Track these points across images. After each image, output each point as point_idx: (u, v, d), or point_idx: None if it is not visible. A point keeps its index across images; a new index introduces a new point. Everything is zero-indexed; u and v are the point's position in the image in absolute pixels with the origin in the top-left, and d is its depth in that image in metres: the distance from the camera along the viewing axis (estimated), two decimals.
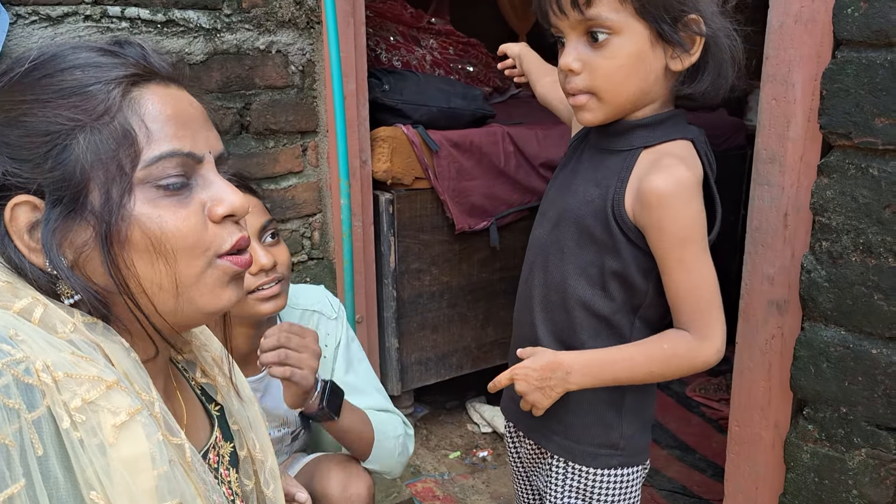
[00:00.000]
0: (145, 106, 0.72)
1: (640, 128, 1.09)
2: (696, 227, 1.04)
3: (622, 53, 1.02)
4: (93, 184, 0.70)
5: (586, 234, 1.11)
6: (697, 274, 1.05)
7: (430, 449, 2.47)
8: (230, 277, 0.77)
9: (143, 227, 0.70)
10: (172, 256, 0.72)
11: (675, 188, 1.01)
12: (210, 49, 2.00)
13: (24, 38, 1.73)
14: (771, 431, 1.30)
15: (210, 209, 0.74)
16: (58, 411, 0.64)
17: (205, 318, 0.78)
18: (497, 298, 2.52)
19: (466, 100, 2.44)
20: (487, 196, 2.38)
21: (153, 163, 0.71)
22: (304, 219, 2.27)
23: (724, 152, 2.86)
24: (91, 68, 0.72)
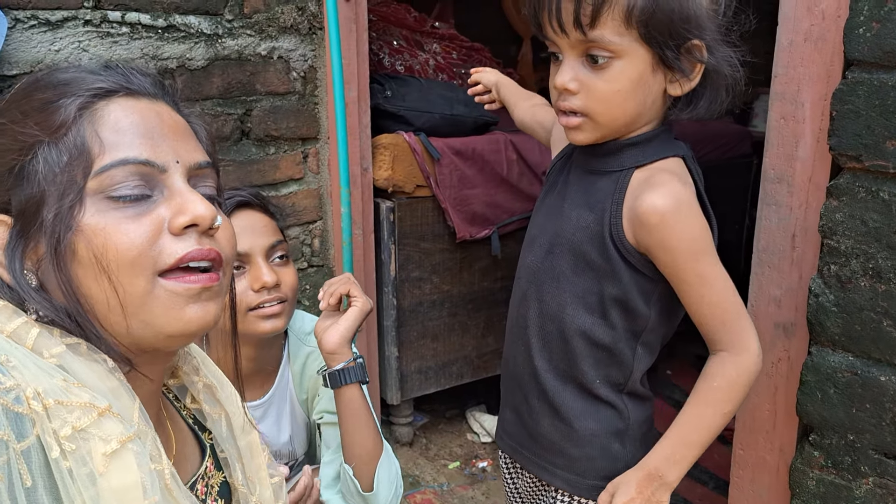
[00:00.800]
0: (105, 118, 0.71)
1: (629, 147, 1.06)
2: (706, 239, 1.02)
3: (622, 77, 0.99)
4: (48, 197, 0.68)
5: (583, 261, 1.08)
6: (719, 285, 1.02)
7: (429, 459, 2.45)
8: (189, 296, 0.72)
9: (87, 239, 0.68)
10: (115, 272, 0.68)
11: (675, 204, 0.99)
12: (211, 55, 1.98)
13: (22, 43, 1.71)
14: (776, 456, 1.28)
15: (170, 220, 0.71)
16: (47, 440, 0.63)
17: (172, 342, 0.73)
18: (498, 307, 2.50)
19: (469, 106, 2.42)
20: (489, 204, 2.36)
21: (103, 171, 0.69)
22: (305, 226, 2.25)
23: (730, 161, 2.84)
24: (63, 86, 0.71)
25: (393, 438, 2.50)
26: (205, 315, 0.73)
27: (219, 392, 0.91)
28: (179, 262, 0.70)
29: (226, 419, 0.91)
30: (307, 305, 2.29)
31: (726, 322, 1.02)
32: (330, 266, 2.31)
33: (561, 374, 1.13)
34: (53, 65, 1.75)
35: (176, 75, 1.93)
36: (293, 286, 1.38)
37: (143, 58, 1.87)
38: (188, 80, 1.95)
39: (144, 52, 1.88)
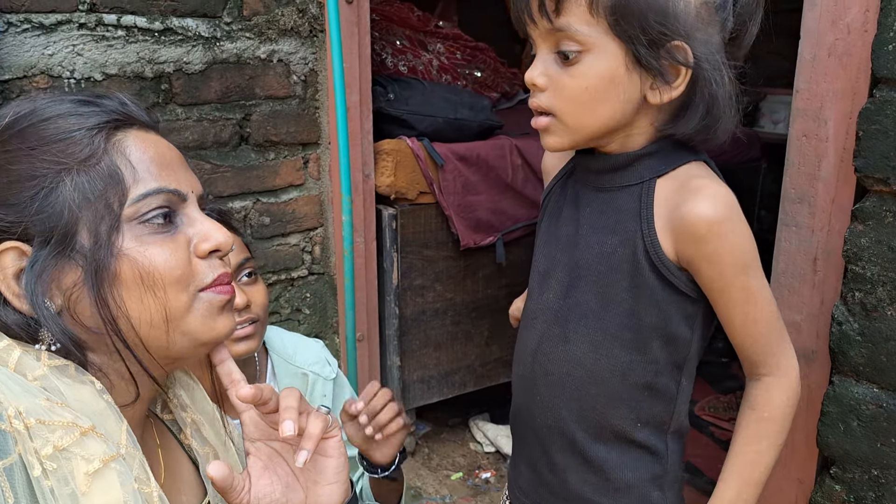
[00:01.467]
0: (129, 148, 0.74)
1: (645, 157, 0.96)
2: (755, 249, 0.93)
3: (591, 73, 0.90)
4: (81, 224, 0.71)
5: (612, 292, 0.98)
6: (765, 302, 0.94)
7: (431, 469, 2.41)
8: (220, 306, 0.78)
9: (132, 262, 0.71)
10: (162, 290, 0.72)
11: (725, 211, 0.89)
12: (209, 58, 1.92)
13: (15, 48, 1.66)
14: (794, 487, 1.23)
15: (196, 245, 0.76)
16: (29, 459, 0.64)
17: (202, 349, 0.79)
18: (502, 315, 2.44)
19: (473, 110, 2.37)
20: (493, 211, 2.31)
21: (140, 199, 0.73)
22: (305, 233, 2.20)
23: (739, 165, 2.79)
24: (72, 116, 0.74)
25: None
26: (231, 324, 0.80)
27: (205, 429, 0.90)
28: (217, 281, 0.77)
29: (213, 457, 0.89)
30: (307, 314, 2.25)
31: (771, 343, 0.94)
32: (331, 274, 2.26)
33: (593, 424, 1.02)
34: (47, 69, 1.70)
35: (173, 79, 1.88)
36: (263, 304, 1.33)
37: (139, 61, 1.82)
38: (185, 84, 1.90)
39: (140, 56, 1.82)
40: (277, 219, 2.13)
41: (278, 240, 2.16)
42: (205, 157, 1.97)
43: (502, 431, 2.53)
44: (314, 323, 2.27)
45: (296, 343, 1.54)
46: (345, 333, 2.22)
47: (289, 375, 1.49)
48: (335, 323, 2.30)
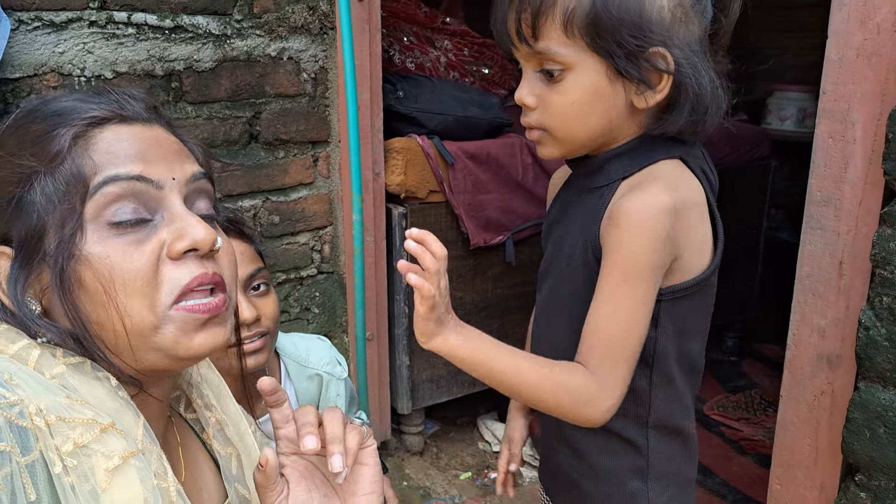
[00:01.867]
0: (98, 143, 0.70)
1: (614, 158, 0.98)
2: (647, 266, 0.90)
3: (576, 90, 0.92)
4: (48, 227, 0.68)
5: (577, 288, 1.01)
6: (621, 315, 0.91)
7: (440, 469, 2.40)
8: (198, 325, 0.71)
9: (92, 268, 0.68)
10: (123, 302, 0.68)
11: (640, 211, 0.90)
12: (219, 56, 1.91)
13: (26, 45, 1.64)
14: (816, 493, 1.22)
15: (169, 245, 0.70)
16: (50, 456, 0.63)
17: (181, 364, 0.74)
18: (511, 314, 2.44)
19: (483, 108, 2.35)
20: (504, 210, 2.29)
21: (96, 191, 0.68)
22: (315, 231, 2.18)
23: (747, 164, 2.77)
24: (57, 116, 0.71)
25: (403, 448, 2.45)
26: (214, 340, 0.72)
27: (229, 429, 0.89)
28: (190, 287, 0.70)
29: (236, 459, 0.88)
30: (316, 313, 2.23)
31: (605, 352, 0.92)
32: (340, 273, 2.24)
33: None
34: (57, 67, 1.68)
35: (183, 77, 1.86)
36: (274, 317, 1.30)
37: (149, 59, 1.80)
38: (195, 82, 1.88)
39: (151, 54, 1.80)
40: (287, 217, 2.12)
41: (287, 239, 2.14)
42: (214, 156, 1.95)
43: None
44: (323, 322, 2.25)
45: (307, 345, 1.53)
46: (354, 333, 2.20)
47: (303, 378, 1.48)
48: (344, 322, 2.29)
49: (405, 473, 2.35)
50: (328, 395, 1.50)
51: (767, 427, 2.64)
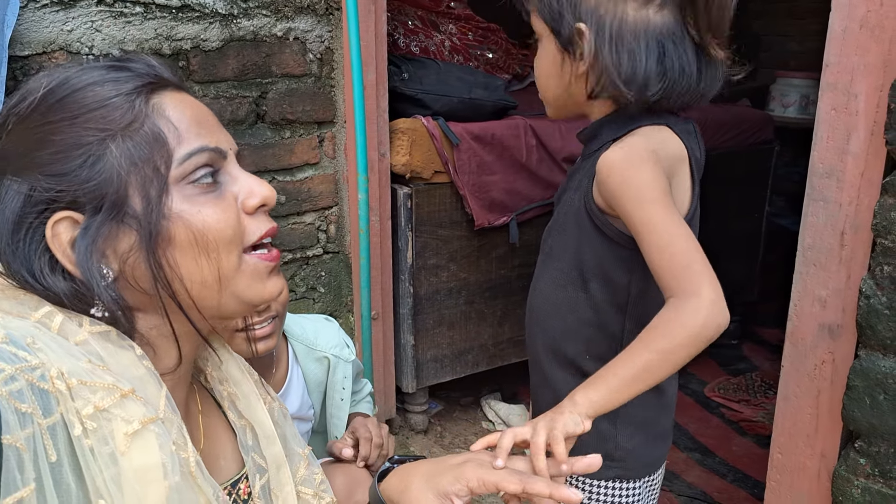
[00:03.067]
0: (168, 110, 0.75)
1: (606, 124, 1.09)
2: (653, 187, 0.98)
3: (541, 56, 1.09)
4: (131, 188, 0.71)
5: (566, 237, 1.12)
6: (666, 231, 0.96)
7: (444, 447, 2.42)
8: (269, 270, 0.79)
9: (185, 223, 0.72)
10: (215, 250, 0.74)
11: (623, 155, 1.00)
12: (226, 35, 1.92)
13: (34, 23, 1.65)
14: (817, 461, 1.24)
15: (243, 201, 0.77)
16: (70, 418, 0.64)
17: (250, 310, 0.81)
18: (515, 295, 2.46)
19: (488, 90, 2.36)
20: (508, 191, 2.31)
21: (186, 159, 0.73)
22: (321, 211, 2.20)
23: (751, 147, 2.78)
24: (108, 83, 0.74)
25: (408, 426, 2.47)
26: (280, 286, 0.81)
27: (240, 402, 0.91)
28: (263, 238, 0.78)
29: (250, 430, 0.90)
30: (322, 292, 2.25)
31: (675, 268, 0.95)
32: (346, 253, 2.26)
33: (554, 351, 1.15)
34: (66, 45, 1.70)
35: (190, 56, 1.87)
36: (285, 301, 1.31)
37: (156, 38, 1.81)
38: (202, 61, 1.90)
39: (158, 33, 1.82)
40: (293, 197, 2.13)
41: (293, 218, 2.16)
42: None
43: (514, 410, 2.54)
44: (329, 301, 2.27)
45: (315, 327, 1.53)
46: (360, 312, 2.22)
47: (311, 360, 1.49)
48: (349, 301, 2.31)
49: (409, 451, 2.37)
50: (335, 378, 1.51)
51: (767, 409, 2.66)
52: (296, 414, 1.46)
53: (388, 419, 2.40)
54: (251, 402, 0.91)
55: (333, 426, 1.52)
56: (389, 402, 2.37)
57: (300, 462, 0.96)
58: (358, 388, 1.66)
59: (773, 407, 2.64)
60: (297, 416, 1.47)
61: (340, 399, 1.51)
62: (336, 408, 1.51)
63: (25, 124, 0.73)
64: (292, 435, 0.98)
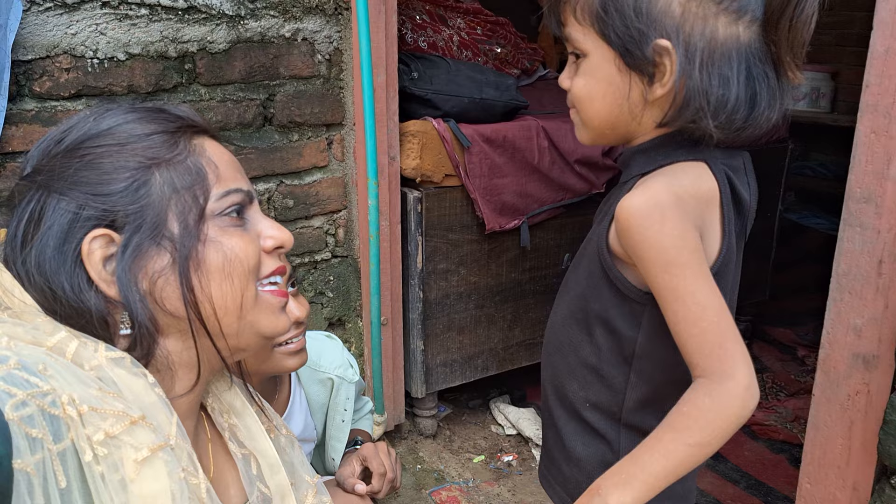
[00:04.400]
0: (209, 151, 0.83)
1: (637, 154, 0.98)
2: (679, 249, 0.87)
3: (590, 76, 0.95)
4: (170, 213, 0.77)
5: (580, 274, 1.04)
6: (695, 303, 0.87)
7: (453, 452, 2.40)
8: (281, 306, 0.86)
9: (216, 247, 0.78)
10: (239, 277, 0.79)
11: (642, 204, 0.87)
12: (233, 37, 1.86)
13: (38, 27, 1.60)
14: (848, 493, 1.21)
15: (264, 240, 0.84)
16: (81, 444, 0.65)
17: (262, 342, 0.86)
18: (525, 299, 2.42)
19: (499, 90, 2.31)
20: (519, 194, 2.26)
21: (223, 196, 0.80)
22: (329, 215, 2.16)
23: (765, 146, 2.74)
24: (152, 121, 0.81)
25: (417, 431, 2.44)
26: (288, 323, 0.88)
27: (240, 432, 0.92)
28: (273, 274, 0.85)
29: (254, 460, 0.91)
30: (331, 297, 2.21)
31: (705, 345, 0.86)
32: (355, 257, 2.22)
33: (557, 389, 1.09)
34: (70, 49, 1.64)
35: (196, 59, 1.82)
36: (308, 313, 1.29)
37: (162, 40, 1.76)
38: (209, 63, 1.84)
39: (164, 35, 1.76)
40: (301, 201, 2.09)
41: (302, 222, 2.12)
42: (228, 139, 1.92)
43: (524, 414, 2.51)
44: (337, 306, 2.23)
45: (318, 347, 1.50)
46: (369, 318, 2.18)
47: (314, 382, 1.46)
48: (358, 306, 2.27)
49: (419, 456, 2.35)
50: (338, 399, 1.48)
51: (779, 412, 2.64)
52: (300, 436, 1.44)
53: (398, 424, 2.38)
54: (253, 431, 0.93)
55: (332, 448, 1.49)
56: (399, 407, 2.34)
57: (308, 490, 0.97)
58: (359, 406, 1.64)
59: (785, 410, 2.62)
60: (301, 437, 1.44)
61: (341, 420, 1.48)
62: (336, 429, 1.48)
63: (75, 148, 0.78)
64: (300, 462, 0.99)
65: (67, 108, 1.68)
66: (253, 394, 0.98)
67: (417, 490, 2.18)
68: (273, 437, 0.95)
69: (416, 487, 2.19)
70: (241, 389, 0.97)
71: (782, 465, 2.36)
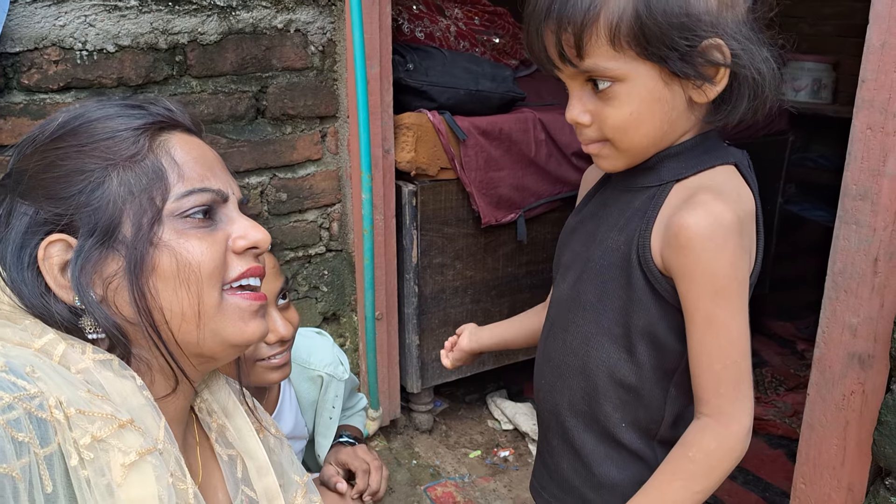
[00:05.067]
0: (175, 149, 0.78)
1: (668, 158, 0.94)
2: (733, 279, 0.87)
3: (632, 100, 0.88)
4: (125, 216, 0.74)
5: (609, 287, 0.97)
6: (727, 337, 0.87)
7: (449, 447, 2.38)
8: (252, 311, 0.80)
9: (170, 253, 0.74)
10: (196, 282, 0.75)
11: (709, 228, 0.85)
12: (224, 28, 1.84)
13: (25, 18, 1.58)
14: (843, 494, 1.19)
15: (234, 240, 0.79)
16: (67, 448, 0.65)
17: (232, 351, 0.81)
18: (522, 293, 2.40)
19: (495, 81, 2.28)
20: (516, 187, 2.24)
21: (183, 196, 0.76)
22: (323, 209, 2.14)
23: (765, 138, 2.71)
24: (119, 118, 0.78)
25: (413, 426, 2.43)
26: (262, 329, 0.82)
27: (229, 433, 0.91)
28: (242, 277, 0.79)
29: (240, 462, 0.90)
30: (325, 291, 2.20)
31: (721, 383, 0.88)
32: (349, 251, 2.20)
33: (582, 413, 1.03)
34: (58, 41, 1.62)
35: (187, 50, 1.80)
36: (297, 327, 1.28)
37: (152, 32, 1.74)
38: (200, 55, 1.82)
39: (154, 27, 1.74)
40: (294, 195, 2.07)
41: (295, 216, 2.10)
42: (220, 132, 1.90)
43: (521, 409, 2.49)
44: (332, 301, 2.22)
45: (308, 345, 1.49)
46: (363, 313, 2.17)
47: (304, 379, 1.45)
48: (353, 300, 2.26)
49: (414, 452, 2.34)
50: (326, 397, 1.47)
51: (778, 406, 2.62)
52: (290, 434, 1.42)
53: (393, 419, 2.36)
54: (242, 432, 0.91)
55: (318, 444, 1.48)
56: (394, 402, 2.33)
57: (297, 490, 0.96)
58: (352, 404, 1.63)
59: (784, 404, 2.60)
60: (291, 435, 1.43)
61: (329, 418, 1.47)
62: (324, 426, 1.48)
63: (40, 150, 0.76)
64: (289, 462, 0.97)
65: (56, 101, 1.66)
66: (245, 394, 0.96)
67: (413, 486, 2.17)
68: (262, 437, 0.94)
69: (412, 483, 2.18)
70: (234, 389, 0.95)
71: (780, 460, 2.35)
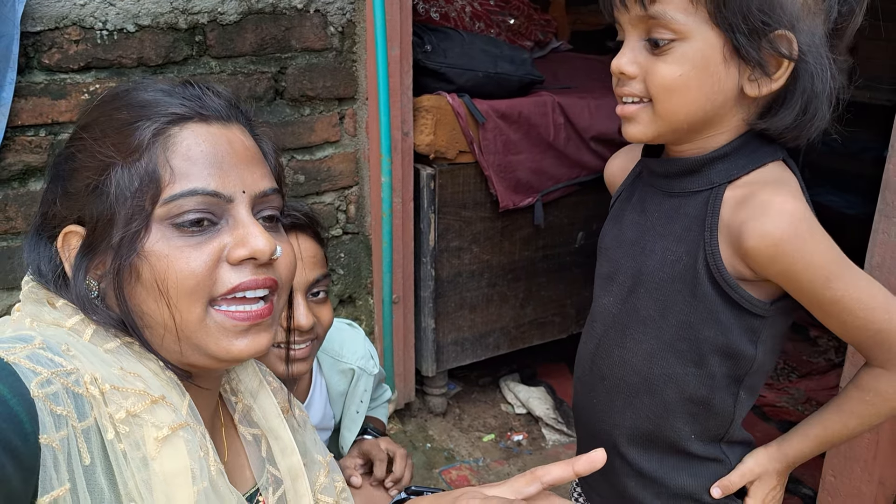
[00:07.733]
0: (178, 145, 0.72)
1: (716, 160, 0.91)
2: (834, 261, 0.86)
3: (686, 62, 0.85)
4: (117, 219, 0.71)
5: (671, 302, 0.94)
6: (861, 308, 0.87)
7: (462, 430, 2.39)
8: (238, 331, 0.74)
9: (151, 265, 0.71)
10: (174, 298, 0.71)
11: (791, 227, 0.83)
12: (244, 8, 1.82)
13: None
14: (874, 488, 1.19)
15: (229, 251, 0.73)
16: (103, 423, 0.66)
17: (222, 365, 0.77)
18: (538, 277, 2.40)
19: (514, 64, 2.25)
20: (534, 171, 2.23)
21: (172, 200, 0.71)
22: (340, 191, 2.12)
23: None
24: (140, 108, 0.73)
25: (427, 409, 2.44)
26: (255, 345, 0.75)
27: (254, 412, 0.90)
28: (232, 292, 0.73)
29: (265, 441, 0.90)
30: (342, 274, 2.19)
31: (883, 343, 0.89)
32: (366, 234, 2.19)
33: (644, 434, 1.01)
34: (79, 20, 1.60)
35: (207, 30, 1.78)
36: (327, 326, 1.25)
37: (172, 12, 1.71)
38: (220, 35, 1.80)
39: (174, 6, 1.72)
40: (312, 177, 2.05)
41: (313, 198, 2.08)
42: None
43: (534, 393, 2.50)
44: (348, 283, 2.21)
45: (341, 338, 1.48)
46: (380, 296, 2.16)
47: (335, 372, 1.45)
48: (369, 283, 2.25)
49: (429, 435, 2.34)
50: (356, 391, 1.47)
51: (791, 393, 2.62)
52: (318, 425, 1.42)
53: (408, 402, 2.36)
54: (267, 412, 0.91)
55: (342, 437, 1.48)
56: (409, 385, 2.33)
57: (320, 470, 0.96)
58: (378, 395, 1.62)
59: (797, 391, 2.60)
60: (320, 426, 1.43)
61: (356, 412, 1.47)
62: (350, 419, 1.47)
63: (71, 137, 0.76)
64: (312, 442, 0.97)
65: (77, 81, 1.64)
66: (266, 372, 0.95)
67: (428, 469, 2.17)
68: (286, 416, 0.93)
69: (427, 466, 2.19)
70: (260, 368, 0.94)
71: None
